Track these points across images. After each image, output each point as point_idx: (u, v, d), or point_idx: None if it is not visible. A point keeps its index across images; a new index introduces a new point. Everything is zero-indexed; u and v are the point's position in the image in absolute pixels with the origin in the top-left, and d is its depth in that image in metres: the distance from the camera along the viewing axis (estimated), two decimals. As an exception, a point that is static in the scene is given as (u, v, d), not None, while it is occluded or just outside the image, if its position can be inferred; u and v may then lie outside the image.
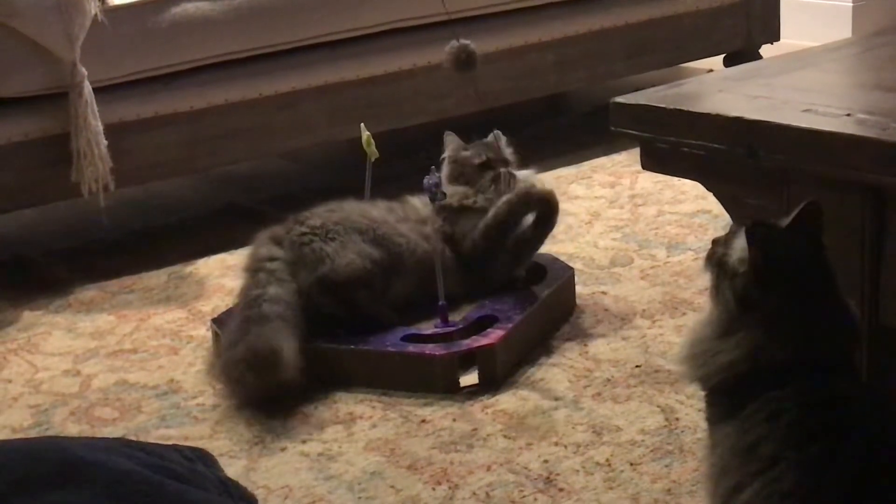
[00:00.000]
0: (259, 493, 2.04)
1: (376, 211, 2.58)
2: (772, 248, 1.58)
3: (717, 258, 1.64)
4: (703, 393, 1.69)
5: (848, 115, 1.85)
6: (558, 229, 3.02)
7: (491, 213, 2.57)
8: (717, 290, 1.63)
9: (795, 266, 1.58)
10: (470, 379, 2.37)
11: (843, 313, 1.61)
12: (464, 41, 2.67)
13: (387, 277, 2.50)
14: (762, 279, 1.57)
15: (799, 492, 1.49)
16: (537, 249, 2.64)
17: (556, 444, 2.15)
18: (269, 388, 2.30)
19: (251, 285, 2.44)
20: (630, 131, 2.01)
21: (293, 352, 2.31)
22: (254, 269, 2.47)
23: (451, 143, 2.71)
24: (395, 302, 2.51)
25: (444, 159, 2.69)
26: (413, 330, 2.45)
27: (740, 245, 1.60)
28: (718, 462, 1.59)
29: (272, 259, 2.47)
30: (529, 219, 2.59)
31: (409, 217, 2.59)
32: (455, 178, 2.65)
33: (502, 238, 2.57)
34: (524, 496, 2.01)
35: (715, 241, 1.69)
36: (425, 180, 2.45)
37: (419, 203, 2.61)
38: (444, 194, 2.48)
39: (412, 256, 2.53)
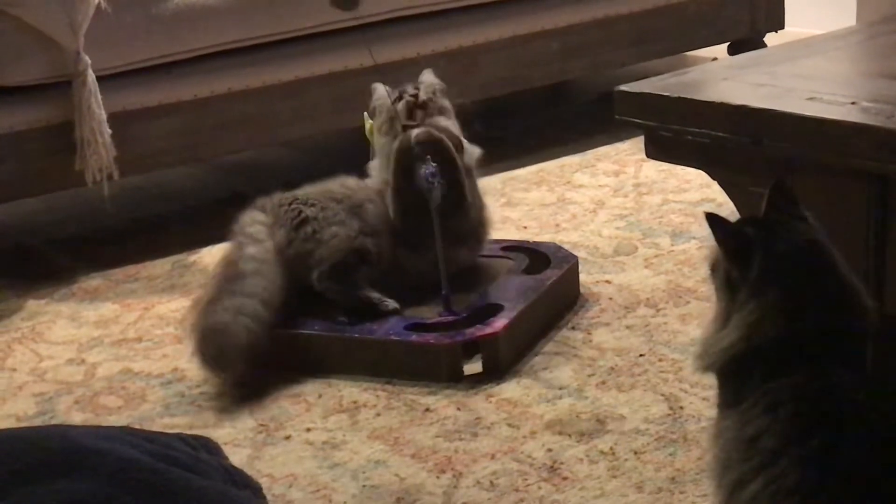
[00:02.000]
0: (263, 482, 2.04)
1: (352, 181, 2.62)
2: (744, 230, 1.59)
3: (710, 262, 1.66)
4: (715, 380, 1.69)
5: (852, 103, 1.85)
6: (562, 217, 3.03)
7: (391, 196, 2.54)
8: (715, 288, 1.64)
9: (777, 246, 1.58)
10: (474, 368, 2.37)
11: (841, 291, 1.59)
12: None
13: (376, 242, 2.52)
14: (737, 259, 1.58)
15: (803, 488, 1.49)
16: (456, 187, 2.52)
17: (560, 432, 2.15)
18: (223, 363, 2.34)
19: (231, 249, 2.51)
20: (634, 120, 2.01)
21: (245, 325, 2.35)
22: (236, 235, 2.53)
23: (375, 90, 2.64)
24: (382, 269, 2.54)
25: (372, 109, 2.63)
26: (417, 319, 2.45)
27: (711, 244, 1.61)
28: (721, 454, 1.59)
29: (253, 223, 2.53)
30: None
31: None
32: (380, 128, 2.60)
33: (409, 198, 2.50)
34: (528, 485, 2.01)
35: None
36: (422, 170, 2.44)
37: (369, 183, 2.63)
38: (443, 184, 2.46)
39: (378, 219, 2.55)
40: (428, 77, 2.66)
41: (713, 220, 1.59)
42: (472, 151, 2.63)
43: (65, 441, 1.17)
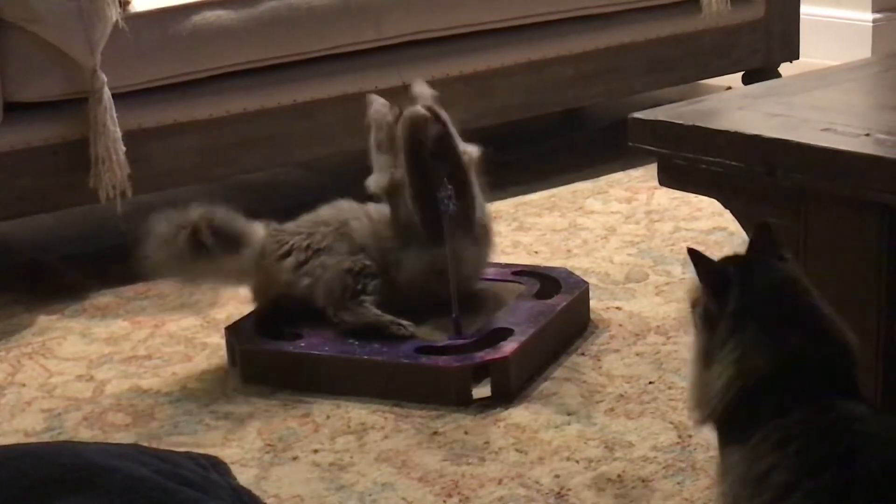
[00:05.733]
0: (270, 502, 2.04)
1: (345, 203, 2.63)
2: (724, 267, 1.61)
3: (691, 299, 1.67)
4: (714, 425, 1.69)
5: (867, 134, 1.85)
6: (574, 243, 3.03)
7: (406, 180, 2.51)
8: (694, 325, 1.65)
9: (754, 282, 1.59)
10: (483, 392, 2.37)
11: (822, 326, 1.60)
12: None
13: (366, 257, 2.53)
14: (716, 294, 1.59)
15: None
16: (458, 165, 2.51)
17: (568, 458, 2.15)
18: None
19: None
20: (648, 147, 2.02)
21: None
22: None
23: (372, 103, 2.64)
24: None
25: (368, 125, 2.64)
26: (427, 341, 2.45)
27: (691, 278, 1.63)
28: (729, 491, 1.58)
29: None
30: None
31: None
32: (379, 145, 2.60)
33: (430, 189, 2.45)
34: (535, 510, 2.01)
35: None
36: (438, 192, 2.44)
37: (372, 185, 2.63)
38: (457, 206, 2.45)
39: (363, 235, 2.55)
40: (422, 89, 2.65)
41: (696, 255, 1.61)
42: (469, 150, 2.61)
43: (76, 458, 1.17)
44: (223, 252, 2.52)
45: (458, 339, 2.44)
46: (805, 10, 3.95)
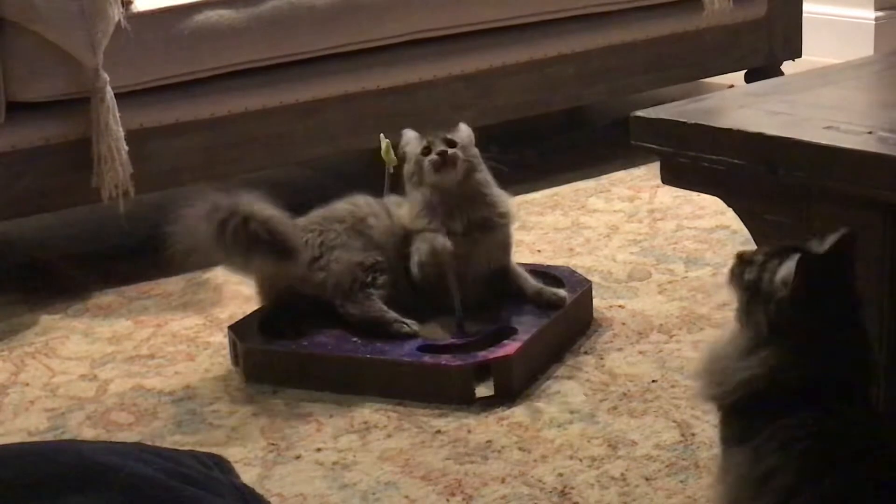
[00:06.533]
0: (273, 501, 2.04)
1: (361, 199, 2.62)
2: (812, 275, 1.58)
3: (750, 280, 1.62)
4: (717, 412, 1.68)
5: (870, 132, 1.85)
6: (576, 241, 3.03)
7: (414, 270, 2.51)
8: (747, 311, 1.61)
9: (829, 294, 1.58)
10: (485, 390, 2.37)
11: (863, 345, 1.60)
12: None
13: (382, 254, 2.52)
14: (801, 306, 1.56)
15: None
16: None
17: (571, 457, 2.15)
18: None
19: None
20: (650, 145, 2.01)
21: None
22: None
23: (404, 135, 2.63)
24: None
25: (402, 153, 2.62)
26: (429, 340, 2.45)
27: (783, 271, 1.58)
28: (729, 491, 1.58)
29: None
30: None
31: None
32: (410, 177, 2.59)
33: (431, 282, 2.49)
34: (538, 509, 2.01)
35: (741, 257, 1.66)
36: (455, 310, 2.46)
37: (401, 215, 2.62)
38: (463, 314, 2.48)
39: (382, 234, 2.55)
40: (463, 130, 2.62)
41: (805, 261, 1.57)
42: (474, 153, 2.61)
43: (78, 456, 1.17)
44: (273, 259, 2.47)
45: (461, 338, 2.44)
46: (807, 8, 3.95)
